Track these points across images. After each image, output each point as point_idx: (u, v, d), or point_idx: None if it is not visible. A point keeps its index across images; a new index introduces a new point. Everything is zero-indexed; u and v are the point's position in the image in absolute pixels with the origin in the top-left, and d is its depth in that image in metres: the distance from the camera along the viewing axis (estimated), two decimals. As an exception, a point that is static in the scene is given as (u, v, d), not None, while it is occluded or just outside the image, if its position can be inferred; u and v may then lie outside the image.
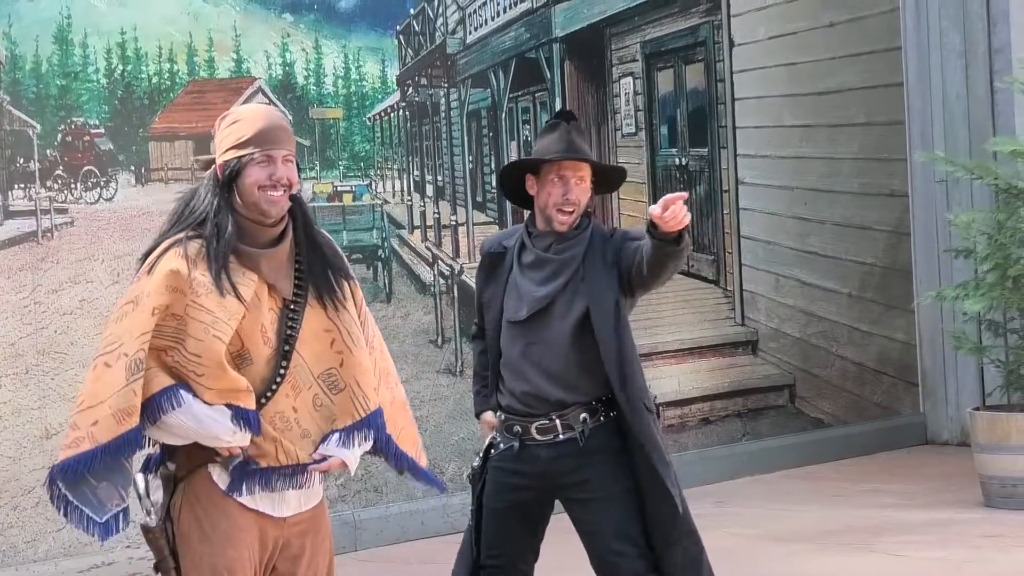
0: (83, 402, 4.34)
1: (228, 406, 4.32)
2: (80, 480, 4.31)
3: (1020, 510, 9.38)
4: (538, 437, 5.53)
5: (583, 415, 5.51)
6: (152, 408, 4.30)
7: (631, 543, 5.45)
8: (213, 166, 4.50)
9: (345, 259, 4.70)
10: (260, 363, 4.41)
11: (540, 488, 5.57)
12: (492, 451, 5.65)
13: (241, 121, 4.49)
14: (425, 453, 4.83)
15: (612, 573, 5.48)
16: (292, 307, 4.47)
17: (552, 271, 5.56)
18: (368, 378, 4.56)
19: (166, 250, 4.39)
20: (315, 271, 4.53)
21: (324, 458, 4.48)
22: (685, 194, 5.07)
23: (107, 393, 4.28)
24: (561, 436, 5.52)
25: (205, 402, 4.31)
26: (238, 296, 4.35)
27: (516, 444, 5.56)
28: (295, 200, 4.52)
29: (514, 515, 5.61)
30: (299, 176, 4.54)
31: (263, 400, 4.40)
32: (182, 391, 4.31)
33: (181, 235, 4.42)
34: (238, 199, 4.44)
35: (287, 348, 4.43)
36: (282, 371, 4.42)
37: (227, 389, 4.33)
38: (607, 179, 5.78)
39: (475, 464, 5.69)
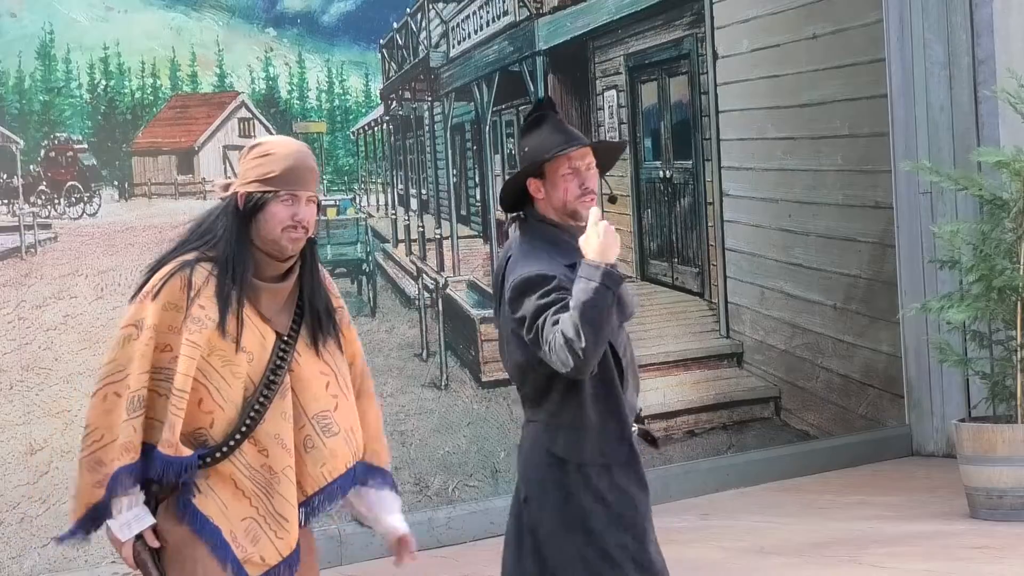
0: (102, 436, 4.29)
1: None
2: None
3: (1006, 521, 9.39)
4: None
5: None
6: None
7: None
8: (234, 193, 4.43)
9: (342, 301, 4.66)
10: (232, 405, 4.36)
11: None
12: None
13: (272, 155, 4.42)
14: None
15: None
16: (284, 344, 4.42)
17: None
18: (358, 423, 4.55)
19: (171, 275, 4.32)
20: (315, 312, 4.49)
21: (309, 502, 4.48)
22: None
23: (119, 426, 4.28)
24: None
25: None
26: (237, 342, 4.32)
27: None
28: (308, 239, 4.47)
29: None
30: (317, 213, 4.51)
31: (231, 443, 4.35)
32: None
33: (190, 256, 4.36)
34: (255, 231, 4.39)
35: (267, 391, 4.37)
36: (253, 413, 4.36)
37: (194, 430, 4.31)
38: (604, 158, 5.24)
39: None
